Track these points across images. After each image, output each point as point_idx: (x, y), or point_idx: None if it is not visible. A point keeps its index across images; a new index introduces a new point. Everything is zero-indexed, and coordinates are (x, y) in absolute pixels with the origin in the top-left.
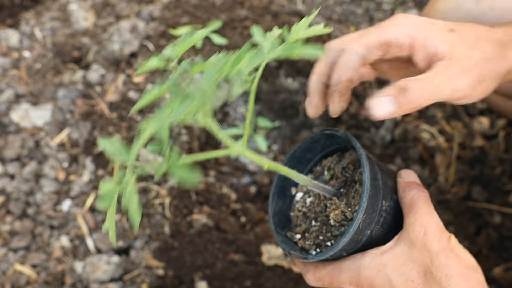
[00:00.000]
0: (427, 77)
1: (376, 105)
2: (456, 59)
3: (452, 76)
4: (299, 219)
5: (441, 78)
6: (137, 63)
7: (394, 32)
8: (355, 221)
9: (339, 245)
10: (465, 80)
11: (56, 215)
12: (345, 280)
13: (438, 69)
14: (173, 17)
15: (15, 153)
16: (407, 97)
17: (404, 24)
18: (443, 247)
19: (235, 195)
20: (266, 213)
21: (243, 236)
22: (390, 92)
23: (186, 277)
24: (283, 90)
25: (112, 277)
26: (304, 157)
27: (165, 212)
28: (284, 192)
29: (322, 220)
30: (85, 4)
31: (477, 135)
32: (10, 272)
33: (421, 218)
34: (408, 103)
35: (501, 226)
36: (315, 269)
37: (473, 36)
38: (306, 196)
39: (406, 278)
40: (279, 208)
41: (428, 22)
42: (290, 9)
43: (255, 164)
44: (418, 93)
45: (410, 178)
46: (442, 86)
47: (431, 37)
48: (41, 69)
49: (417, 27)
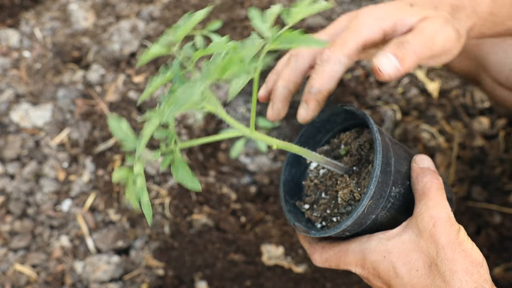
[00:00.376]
0: (419, 31)
1: (382, 63)
2: (431, 19)
3: (439, 27)
4: (310, 189)
5: (431, 30)
6: (137, 63)
7: (367, 31)
8: (360, 206)
9: (341, 226)
10: (450, 29)
11: (56, 215)
12: (351, 262)
13: (423, 25)
14: (173, 17)
15: (15, 153)
16: (408, 48)
17: (373, 19)
18: (450, 241)
19: (235, 195)
20: (266, 213)
21: (243, 236)
22: (390, 49)
23: (186, 277)
24: None
25: (112, 277)
26: (324, 127)
27: (165, 212)
28: (299, 160)
29: (331, 194)
30: (85, 4)
31: (477, 135)
32: (10, 272)
33: (432, 208)
34: (410, 55)
35: (501, 226)
36: (322, 249)
37: (431, 3)
38: (320, 167)
39: (410, 267)
40: (292, 176)
41: (392, 7)
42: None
43: (255, 164)
44: (417, 43)
45: (425, 164)
46: (435, 35)
47: (400, 19)
48: (41, 69)
49: (384, 17)
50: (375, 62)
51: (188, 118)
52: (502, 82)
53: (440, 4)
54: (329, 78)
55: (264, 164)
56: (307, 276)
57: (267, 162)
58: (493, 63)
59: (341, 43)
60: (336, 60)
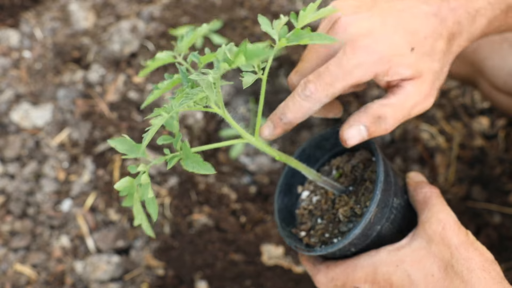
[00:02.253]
0: (400, 102)
1: (352, 136)
2: (419, 82)
3: (423, 98)
4: (305, 216)
5: (412, 101)
6: (137, 63)
7: (360, 75)
8: (368, 213)
9: (350, 236)
10: (431, 100)
11: (56, 215)
12: (360, 277)
13: (408, 90)
14: (173, 17)
15: (15, 153)
16: (382, 125)
17: (370, 61)
18: (462, 241)
19: (235, 195)
20: (266, 213)
21: (243, 236)
22: (365, 121)
23: (186, 277)
24: (283, 90)
25: (112, 277)
26: (314, 155)
27: (165, 212)
28: (290, 189)
29: (328, 217)
30: (85, 4)
31: (477, 135)
32: (10, 272)
33: (438, 213)
34: (382, 131)
35: (501, 226)
36: (326, 269)
37: (431, 43)
38: (313, 195)
39: (425, 273)
40: (285, 204)
41: (392, 48)
42: (290, 9)
43: (255, 164)
44: (392, 121)
45: (419, 178)
46: (414, 109)
47: (394, 66)
48: (41, 69)
49: (381, 61)
50: (346, 134)
51: (188, 118)
52: (499, 86)
53: (438, 41)
54: (303, 114)
55: (264, 164)
56: (307, 276)
57: (267, 162)
58: (490, 68)
59: (329, 81)
60: (317, 100)
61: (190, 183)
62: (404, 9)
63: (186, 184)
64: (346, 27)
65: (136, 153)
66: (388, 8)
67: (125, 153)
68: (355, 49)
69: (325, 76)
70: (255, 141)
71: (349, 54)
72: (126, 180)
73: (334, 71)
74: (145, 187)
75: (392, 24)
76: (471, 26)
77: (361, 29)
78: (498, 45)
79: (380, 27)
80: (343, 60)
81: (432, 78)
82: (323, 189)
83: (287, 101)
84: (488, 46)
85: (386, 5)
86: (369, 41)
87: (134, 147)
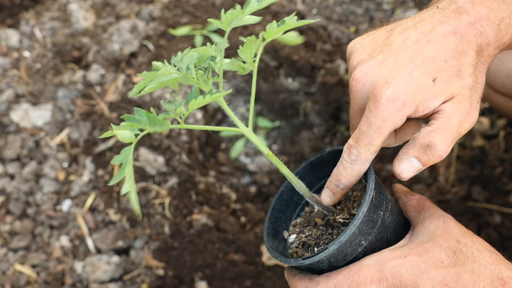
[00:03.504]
0: (444, 124)
1: (405, 169)
2: (455, 102)
3: (465, 114)
4: (299, 252)
5: (456, 121)
6: (137, 62)
7: (391, 124)
8: (368, 190)
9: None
10: (475, 113)
11: (56, 215)
12: (366, 277)
13: (448, 112)
14: (173, 17)
15: (15, 153)
16: (434, 154)
17: (395, 108)
18: (465, 231)
19: (235, 195)
20: (266, 213)
21: (243, 236)
22: (414, 153)
23: (186, 277)
24: (283, 90)
25: (112, 277)
26: (291, 199)
27: (165, 212)
28: (277, 234)
29: (325, 240)
30: (85, 4)
31: (477, 135)
32: (10, 272)
33: (436, 211)
34: (436, 158)
35: (501, 226)
36: (327, 278)
37: (455, 64)
38: (301, 234)
39: (435, 261)
40: (276, 246)
41: (414, 88)
42: (290, 9)
43: (255, 164)
44: (444, 146)
45: (406, 189)
46: (461, 127)
47: (422, 102)
48: (41, 69)
49: (407, 104)
50: (397, 168)
51: (188, 118)
52: (497, 88)
53: (463, 59)
54: (356, 176)
55: (264, 164)
56: None
57: (267, 162)
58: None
59: (367, 142)
60: (364, 161)
61: (190, 183)
62: (419, 39)
63: (186, 184)
64: (364, 82)
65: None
66: (403, 42)
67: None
68: (378, 105)
69: (361, 138)
70: (248, 132)
71: (374, 111)
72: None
73: (367, 131)
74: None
75: (407, 60)
76: (497, 34)
77: (379, 79)
78: None
79: (395, 69)
80: (371, 118)
81: (468, 94)
82: (309, 225)
83: (338, 169)
84: None
85: (400, 39)
86: (388, 91)
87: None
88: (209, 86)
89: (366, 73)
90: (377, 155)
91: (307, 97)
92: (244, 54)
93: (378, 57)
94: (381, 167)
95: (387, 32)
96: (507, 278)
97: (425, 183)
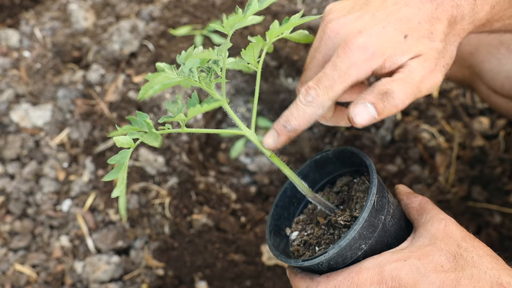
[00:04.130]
0: (406, 76)
1: (358, 113)
2: (421, 59)
3: (428, 72)
4: (301, 250)
5: (419, 75)
6: (137, 62)
7: (356, 73)
8: (370, 195)
9: (360, 221)
10: (438, 74)
11: (56, 215)
12: (366, 279)
13: (412, 67)
14: (173, 17)
15: (15, 153)
16: (390, 102)
17: (363, 57)
18: (466, 234)
19: (235, 195)
20: (266, 213)
21: (243, 236)
22: (371, 98)
23: (186, 277)
24: (283, 90)
25: (112, 277)
26: (295, 196)
27: (165, 212)
28: (279, 231)
29: (326, 240)
30: (85, 4)
31: (477, 135)
32: (10, 272)
33: (438, 214)
34: (390, 109)
35: (501, 226)
36: (327, 279)
37: (428, 26)
38: (303, 232)
39: (435, 265)
40: (277, 244)
41: (384, 40)
42: (290, 9)
43: (255, 164)
44: (402, 95)
45: (409, 190)
46: (422, 82)
47: (390, 57)
48: (41, 69)
49: (375, 55)
50: (352, 112)
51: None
52: (497, 89)
53: (436, 25)
54: (308, 120)
55: (264, 164)
56: None
57: (267, 162)
58: (488, 71)
59: (328, 85)
60: (320, 104)
61: (190, 183)
62: (397, 1)
63: (186, 184)
64: (337, 31)
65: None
66: (382, 2)
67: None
68: (347, 50)
69: (323, 80)
70: (250, 134)
71: (342, 55)
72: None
73: (331, 74)
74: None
75: (382, 17)
76: (473, 9)
77: (352, 29)
78: (495, 49)
79: (370, 23)
80: (337, 62)
81: (435, 55)
82: (311, 223)
83: (290, 109)
84: (486, 49)
85: (379, 0)
86: (360, 40)
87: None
88: (211, 88)
89: (342, 24)
90: (377, 155)
91: None
92: (247, 56)
93: (356, 13)
94: (381, 167)
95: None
96: (506, 284)
97: (425, 183)
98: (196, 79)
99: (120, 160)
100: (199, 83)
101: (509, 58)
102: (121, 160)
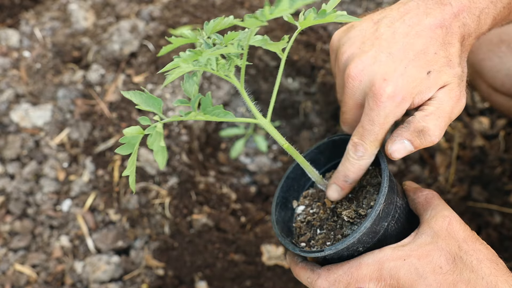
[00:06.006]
0: (437, 109)
1: (397, 150)
2: (448, 89)
3: (456, 101)
4: (302, 229)
5: (448, 107)
6: (137, 62)
7: (392, 120)
8: (377, 205)
9: (361, 229)
10: (463, 100)
11: (56, 215)
12: (365, 275)
13: (440, 98)
14: (173, 17)
15: (15, 153)
16: (427, 139)
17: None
18: (468, 235)
19: (235, 195)
20: (266, 213)
21: (243, 236)
22: (408, 135)
23: (186, 277)
24: (283, 90)
25: (112, 277)
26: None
27: (165, 212)
28: (286, 204)
29: (329, 226)
30: (85, 4)
31: (477, 135)
32: (10, 272)
33: (443, 211)
34: (428, 143)
35: (501, 226)
36: (327, 272)
37: (444, 55)
38: (309, 209)
39: (433, 266)
40: (282, 218)
41: (409, 81)
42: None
43: (255, 164)
44: (436, 131)
45: (416, 185)
46: (453, 113)
47: (418, 94)
48: (41, 69)
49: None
50: (390, 148)
51: None
52: (497, 87)
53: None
54: (363, 170)
55: (264, 164)
56: None
57: (267, 162)
58: (488, 69)
59: (373, 139)
60: (370, 155)
61: (190, 183)
62: (408, 33)
63: (186, 184)
64: (360, 78)
65: (151, 107)
66: (392, 35)
67: (140, 104)
68: (379, 103)
69: (366, 135)
70: (266, 123)
71: (375, 108)
72: (135, 128)
73: (371, 129)
74: (159, 135)
75: (400, 56)
76: (478, 25)
77: (375, 75)
78: (496, 47)
79: (391, 65)
80: (373, 116)
81: (458, 82)
82: (319, 201)
83: (345, 164)
84: (486, 48)
85: (389, 32)
86: (388, 89)
87: (150, 101)
88: (231, 75)
89: (362, 70)
90: None
91: (307, 97)
92: (273, 47)
93: (370, 52)
94: None
95: (374, 25)
96: None
97: (425, 183)
98: (214, 67)
99: (131, 141)
100: (217, 71)
101: (510, 56)
102: (132, 141)
